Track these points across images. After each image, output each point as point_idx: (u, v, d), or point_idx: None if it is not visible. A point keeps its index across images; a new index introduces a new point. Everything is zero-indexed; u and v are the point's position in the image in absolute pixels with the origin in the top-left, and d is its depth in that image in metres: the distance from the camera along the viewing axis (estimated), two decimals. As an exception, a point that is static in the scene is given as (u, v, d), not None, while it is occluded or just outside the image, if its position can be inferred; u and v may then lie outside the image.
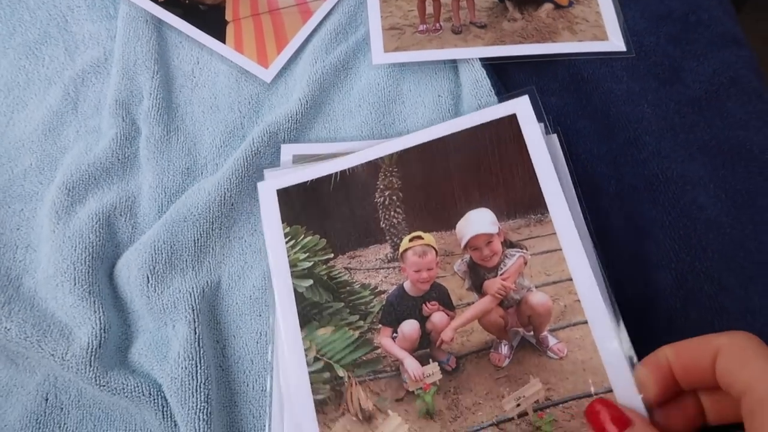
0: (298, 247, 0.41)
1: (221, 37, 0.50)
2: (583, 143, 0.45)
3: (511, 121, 0.42)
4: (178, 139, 0.47)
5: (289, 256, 0.41)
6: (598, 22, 0.48)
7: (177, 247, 0.43)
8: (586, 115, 0.46)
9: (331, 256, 0.42)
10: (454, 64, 0.49)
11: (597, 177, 0.44)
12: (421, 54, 0.48)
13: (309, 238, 0.42)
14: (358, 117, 0.48)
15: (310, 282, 0.41)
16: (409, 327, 0.39)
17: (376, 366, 0.39)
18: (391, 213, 0.42)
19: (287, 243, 0.42)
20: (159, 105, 0.48)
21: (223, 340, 0.42)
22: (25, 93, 0.50)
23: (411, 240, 0.41)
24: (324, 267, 0.41)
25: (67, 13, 0.53)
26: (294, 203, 0.43)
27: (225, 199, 0.44)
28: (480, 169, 0.42)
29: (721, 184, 0.42)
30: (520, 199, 0.41)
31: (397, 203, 0.42)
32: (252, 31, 0.50)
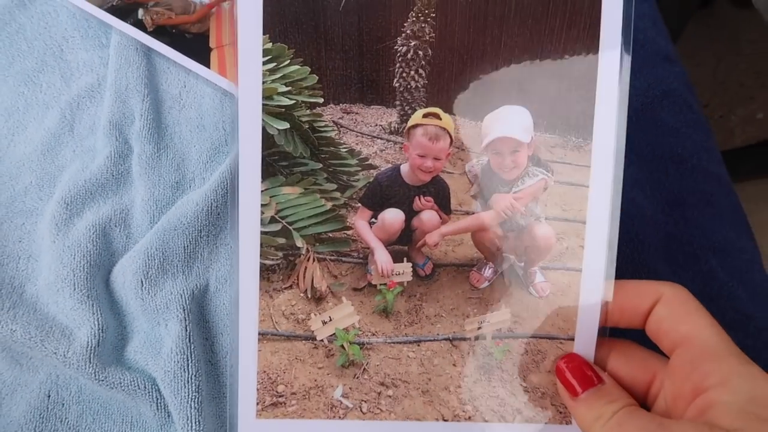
0: (278, 75, 0.32)
1: (206, 63, 0.54)
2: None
3: (592, 5, 0.32)
4: (167, 156, 0.52)
5: (264, 82, 0.32)
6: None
7: (168, 253, 0.47)
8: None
9: (320, 101, 0.33)
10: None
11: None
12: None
13: (296, 68, 0.33)
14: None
15: (286, 125, 0.33)
16: (392, 216, 0.34)
17: (342, 247, 0.34)
18: (412, 72, 0.34)
19: (265, 65, 0.32)
20: (149, 125, 0.52)
21: (212, 337, 0.46)
22: (24, 117, 0.54)
23: (425, 116, 0.33)
24: (307, 113, 0.33)
25: (62, 43, 0.57)
26: (285, 11, 0.32)
27: (212, 209, 0.48)
28: (536, 55, 0.33)
29: (656, 185, 0.48)
30: (567, 113, 0.33)
31: (422, 61, 0.33)
32: (233, 57, 0.55)
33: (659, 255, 0.45)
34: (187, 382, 0.42)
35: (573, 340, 0.35)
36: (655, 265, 0.44)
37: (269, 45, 0.32)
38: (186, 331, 0.44)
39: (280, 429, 0.35)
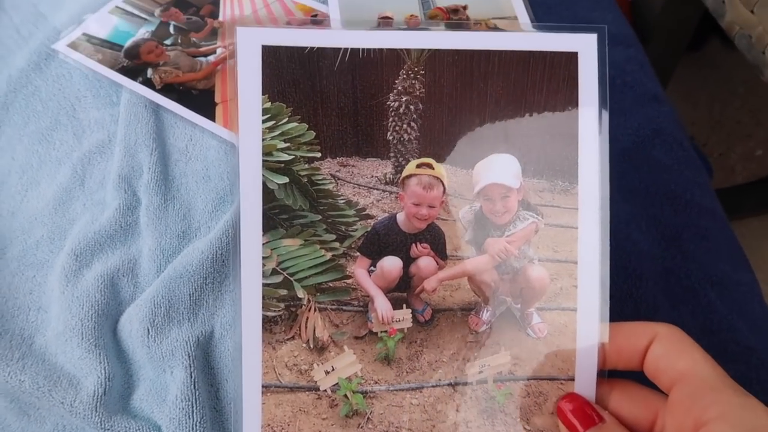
0: (277, 132, 0.34)
1: (211, 117, 0.57)
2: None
3: (569, 60, 0.34)
4: (174, 206, 0.53)
5: (264, 139, 0.34)
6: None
7: (174, 301, 0.47)
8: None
9: (318, 155, 0.34)
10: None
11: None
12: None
13: (294, 125, 0.34)
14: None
15: (285, 180, 0.34)
16: (391, 264, 0.35)
17: (343, 296, 0.35)
18: (404, 125, 0.35)
19: (265, 123, 0.34)
20: (157, 178, 0.54)
21: (217, 383, 0.46)
22: (38, 173, 0.56)
23: (419, 166, 0.35)
24: (306, 167, 0.34)
25: (75, 103, 0.60)
26: (283, 72, 0.34)
27: (217, 256, 0.49)
28: (520, 107, 0.35)
29: (652, 221, 0.48)
30: (553, 159, 0.35)
31: (414, 115, 0.35)
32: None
33: (658, 289, 0.45)
34: (192, 429, 0.42)
35: (573, 380, 0.36)
36: (654, 299, 0.45)
37: (268, 104, 0.34)
38: (191, 377, 0.44)
39: None
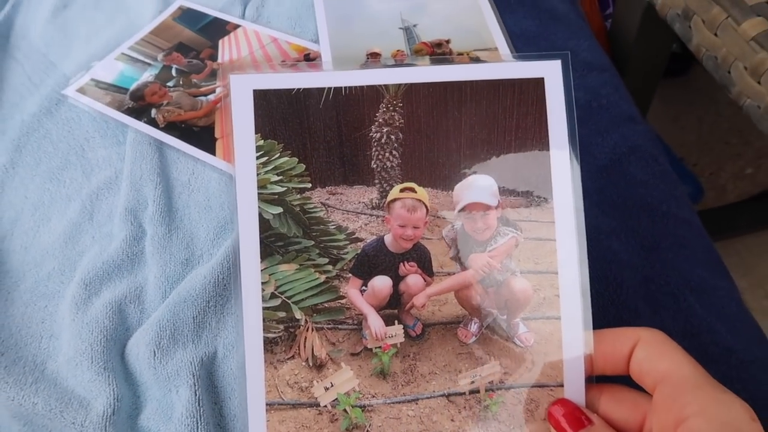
0: (270, 167, 0.36)
1: (212, 151, 0.60)
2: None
3: (537, 85, 0.38)
4: (177, 236, 0.56)
5: (258, 174, 0.36)
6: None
7: (179, 324, 0.50)
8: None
9: (308, 186, 0.37)
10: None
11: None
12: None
13: (285, 159, 0.37)
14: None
15: (279, 210, 0.37)
16: (381, 283, 0.37)
17: (338, 316, 0.37)
18: (386, 154, 0.38)
19: (258, 159, 0.36)
20: (161, 209, 0.57)
21: (220, 401, 0.48)
22: (49, 210, 0.59)
23: (402, 190, 0.37)
24: (298, 197, 0.37)
25: (83, 143, 0.64)
26: (273, 112, 0.37)
27: (218, 281, 0.52)
28: (493, 131, 0.38)
29: (630, 232, 0.51)
30: (527, 176, 0.37)
31: (395, 144, 0.38)
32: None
33: (639, 296, 0.47)
34: (197, 445, 0.44)
35: (563, 386, 0.37)
36: (636, 306, 0.47)
37: (261, 142, 0.37)
38: (195, 396, 0.46)
39: None
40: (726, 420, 0.30)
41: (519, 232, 0.38)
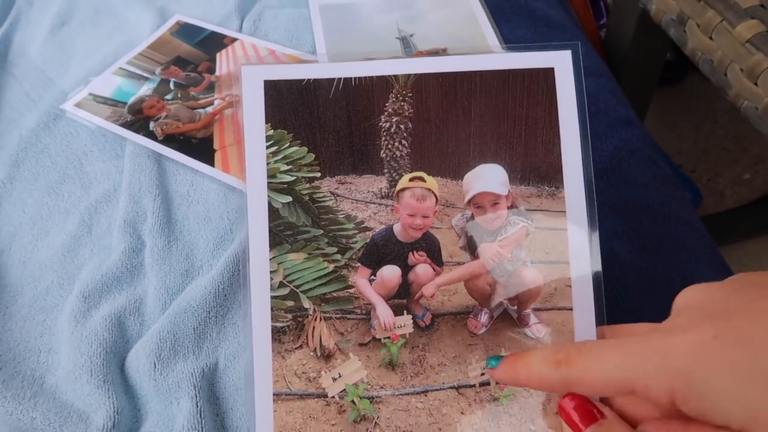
0: (280, 156, 0.37)
1: (210, 162, 0.60)
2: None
3: (546, 75, 0.38)
4: (177, 247, 0.56)
5: (268, 163, 0.37)
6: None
7: (179, 335, 0.49)
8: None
9: (318, 175, 0.37)
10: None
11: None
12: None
13: (295, 149, 0.37)
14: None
15: (289, 199, 0.37)
16: (390, 272, 0.37)
17: (346, 305, 0.37)
18: (396, 143, 0.38)
19: (268, 148, 0.37)
20: (161, 221, 0.57)
21: (222, 413, 0.47)
22: (47, 224, 0.59)
23: (411, 180, 0.37)
24: (307, 186, 0.37)
25: (82, 157, 0.64)
26: (283, 103, 0.37)
27: (219, 291, 0.51)
28: (503, 120, 0.38)
29: (632, 234, 0.51)
30: (538, 166, 0.37)
31: (404, 134, 0.38)
32: (235, 155, 0.61)
33: (643, 298, 0.47)
34: (199, 458, 0.43)
35: None
36: (640, 307, 0.46)
37: (271, 132, 0.38)
38: (197, 407, 0.45)
39: None
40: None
41: (529, 221, 0.37)
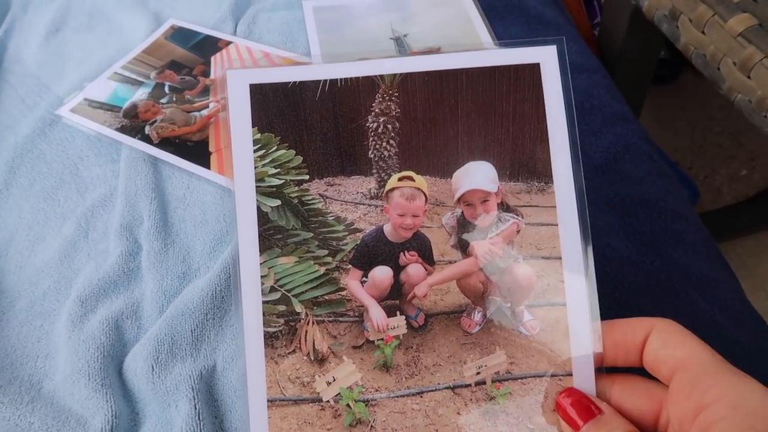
0: (267, 159, 0.37)
1: (207, 165, 0.60)
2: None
3: (532, 71, 0.37)
4: (174, 250, 0.56)
5: (256, 167, 0.36)
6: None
7: (177, 338, 0.49)
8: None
9: (306, 178, 0.37)
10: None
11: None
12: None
13: (282, 152, 0.37)
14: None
15: (278, 203, 0.36)
16: (381, 273, 0.37)
17: (338, 308, 0.36)
18: (383, 143, 0.38)
19: (256, 152, 0.37)
20: (157, 224, 0.57)
21: (221, 415, 0.47)
22: (44, 229, 0.59)
23: (400, 179, 0.37)
24: (296, 189, 0.37)
25: (78, 162, 0.64)
26: (270, 106, 0.37)
27: (216, 293, 0.51)
28: (490, 117, 0.38)
29: (629, 228, 0.51)
30: (527, 162, 0.37)
31: (392, 133, 0.38)
32: (231, 157, 0.61)
33: (641, 293, 0.47)
34: (198, 460, 0.43)
35: (571, 375, 0.36)
36: (638, 302, 0.46)
37: (258, 135, 0.37)
38: (195, 409, 0.45)
39: None
40: (748, 406, 0.29)
41: (520, 217, 0.37)
